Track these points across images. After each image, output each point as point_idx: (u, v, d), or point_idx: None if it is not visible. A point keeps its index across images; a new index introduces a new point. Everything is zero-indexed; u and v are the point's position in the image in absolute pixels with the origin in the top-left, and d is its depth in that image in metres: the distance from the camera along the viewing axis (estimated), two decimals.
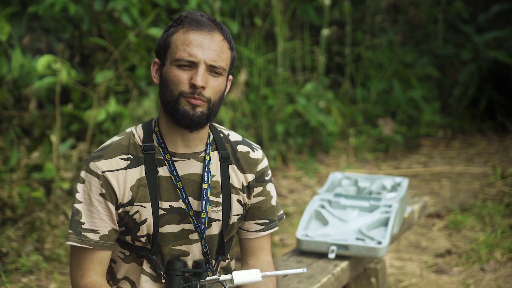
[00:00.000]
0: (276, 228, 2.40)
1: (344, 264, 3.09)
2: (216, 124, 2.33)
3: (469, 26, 7.72)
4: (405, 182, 3.58)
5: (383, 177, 3.66)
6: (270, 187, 2.36)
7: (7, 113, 4.88)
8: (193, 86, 2.09)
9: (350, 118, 7.09)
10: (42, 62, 4.61)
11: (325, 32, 6.98)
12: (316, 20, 7.05)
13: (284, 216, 2.45)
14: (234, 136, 2.32)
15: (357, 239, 3.16)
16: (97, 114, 4.81)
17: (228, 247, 2.31)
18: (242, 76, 6.16)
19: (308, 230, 3.22)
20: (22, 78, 4.84)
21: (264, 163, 2.33)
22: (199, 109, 2.11)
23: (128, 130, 2.24)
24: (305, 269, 2.07)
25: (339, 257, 3.13)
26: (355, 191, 3.61)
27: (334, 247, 3.11)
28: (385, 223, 3.27)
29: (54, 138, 4.65)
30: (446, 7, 7.81)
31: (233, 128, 6.00)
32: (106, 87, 4.99)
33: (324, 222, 3.30)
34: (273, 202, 2.38)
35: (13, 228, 4.27)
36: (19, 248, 4.13)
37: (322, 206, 3.37)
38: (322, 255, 3.16)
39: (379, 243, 3.12)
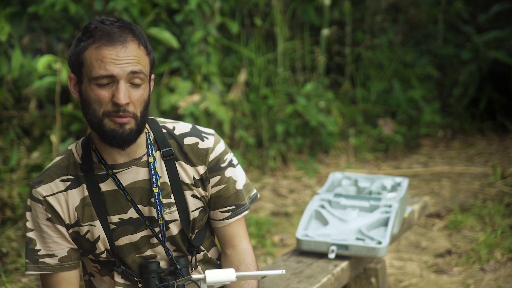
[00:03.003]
0: (246, 212, 2.28)
1: (344, 264, 3.09)
2: (160, 119, 2.21)
3: (469, 26, 7.72)
4: (405, 182, 3.58)
5: (383, 177, 3.65)
6: (231, 172, 2.23)
7: (7, 113, 4.88)
8: (116, 105, 1.99)
9: (350, 118, 7.09)
10: (42, 62, 4.61)
11: (325, 32, 6.98)
12: (316, 20, 7.05)
13: (258, 195, 2.33)
14: (180, 129, 2.20)
15: (357, 239, 3.16)
16: None
17: (201, 240, 2.26)
18: (242, 76, 6.16)
19: (308, 230, 3.22)
20: (22, 78, 4.84)
21: (217, 150, 2.20)
22: (127, 126, 2.01)
23: (70, 147, 2.18)
24: (283, 271, 1.98)
25: (339, 257, 3.12)
26: (355, 191, 3.60)
27: (334, 247, 3.11)
28: (385, 223, 3.27)
29: (54, 138, 4.64)
30: (446, 7, 7.80)
31: (233, 128, 6.00)
32: None
33: (324, 222, 3.30)
34: (238, 186, 2.25)
35: (13, 228, 4.27)
36: (19, 248, 4.13)
37: (322, 206, 3.37)
38: (322, 255, 3.15)
39: (379, 243, 3.12)
